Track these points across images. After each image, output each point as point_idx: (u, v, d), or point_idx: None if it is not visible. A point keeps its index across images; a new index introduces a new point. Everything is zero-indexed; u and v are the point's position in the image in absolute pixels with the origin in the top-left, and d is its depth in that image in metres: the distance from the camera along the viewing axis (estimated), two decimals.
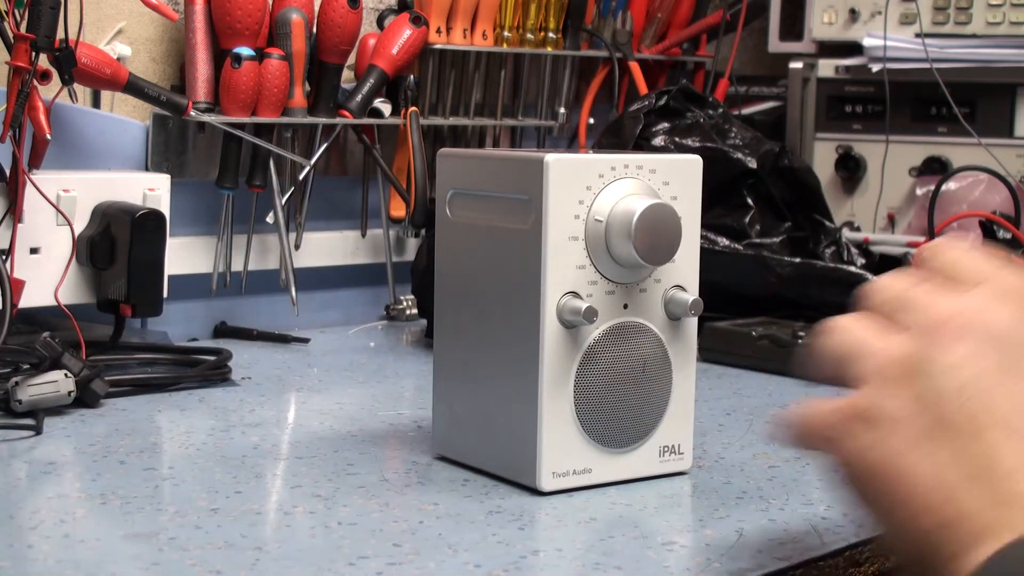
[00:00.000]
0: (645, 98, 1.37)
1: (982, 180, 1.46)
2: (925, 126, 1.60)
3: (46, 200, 1.08)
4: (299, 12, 1.24)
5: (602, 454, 0.80)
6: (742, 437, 0.95)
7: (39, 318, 1.14)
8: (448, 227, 0.84)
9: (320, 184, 1.35)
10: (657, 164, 0.80)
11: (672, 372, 0.82)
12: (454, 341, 0.84)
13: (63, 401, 0.93)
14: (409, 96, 1.35)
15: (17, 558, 0.65)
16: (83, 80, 1.12)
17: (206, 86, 1.22)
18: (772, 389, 1.12)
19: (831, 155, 1.65)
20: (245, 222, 1.29)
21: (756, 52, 1.86)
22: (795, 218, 1.37)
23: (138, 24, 1.25)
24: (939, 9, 1.58)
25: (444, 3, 1.36)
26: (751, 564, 0.68)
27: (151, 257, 1.12)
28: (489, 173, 0.82)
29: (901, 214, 1.61)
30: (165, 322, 1.23)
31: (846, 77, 1.64)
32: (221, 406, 1.00)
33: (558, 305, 0.77)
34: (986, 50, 1.55)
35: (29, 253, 1.10)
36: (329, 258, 1.37)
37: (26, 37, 1.03)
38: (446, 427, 0.85)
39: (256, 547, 0.67)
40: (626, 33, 1.54)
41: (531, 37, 1.45)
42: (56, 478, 0.81)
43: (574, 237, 0.77)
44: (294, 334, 1.28)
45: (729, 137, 1.37)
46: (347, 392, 1.08)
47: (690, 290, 0.82)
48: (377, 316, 1.41)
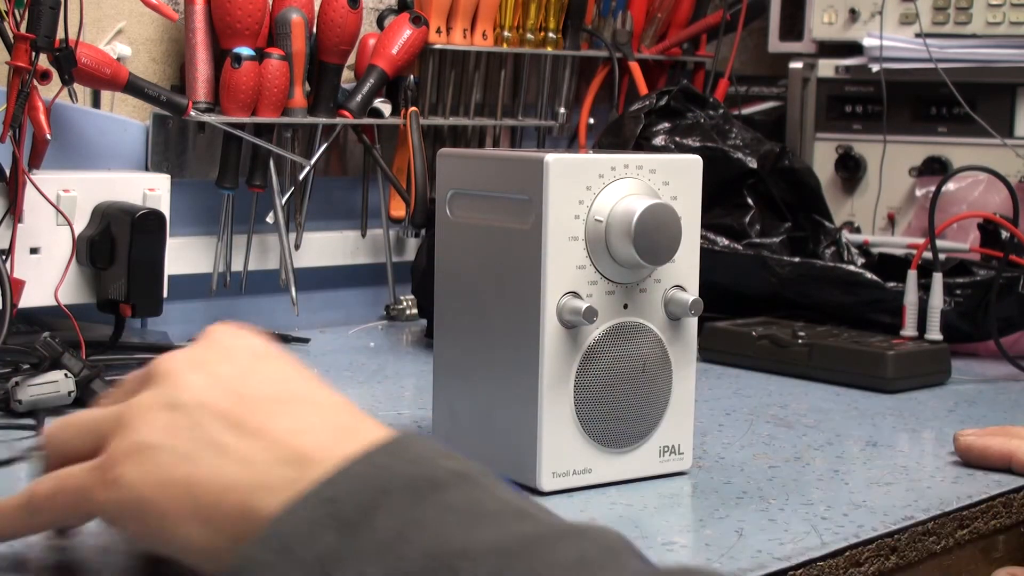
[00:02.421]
0: (645, 98, 1.37)
1: (982, 180, 1.46)
2: (925, 126, 1.60)
3: (46, 200, 1.08)
4: (299, 12, 1.24)
5: (602, 454, 0.80)
6: (742, 437, 0.95)
7: (39, 318, 1.14)
8: (448, 227, 0.84)
9: (320, 184, 1.35)
10: (657, 164, 0.80)
11: (672, 372, 0.82)
12: (454, 341, 0.84)
13: (63, 401, 0.93)
14: (409, 96, 1.35)
15: (17, 558, 0.65)
16: (83, 80, 1.12)
17: (206, 86, 1.22)
18: (772, 389, 1.12)
19: (831, 155, 1.65)
20: (245, 222, 1.29)
21: (756, 52, 1.86)
22: (795, 218, 1.37)
23: (138, 24, 1.25)
24: (939, 9, 1.58)
25: (444, 3, 1.36)
26: (751, 564, 0.68)
27: (151, 257, 1.12)
28: (489, 173, 0.82)
29: (901, 214, 1.61)
30: (165, 322, 1.23)
31: (846, 77, 1.64)
32: None
33: (558, 305, 0.77)
34: (986, 50, 1.55)
35: (29, 253, 1.10)
36: (329, 258, 1.37)
37: (26, 37, 1.02)
38: (446, 427, 0.85)
39: None
40: (626, 33, 1.54)
41: (531, 37, 1.45)
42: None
43: (574, 237, 0.77)
44: (294, 334, 1.28)
45: (729, 137, 1.37)
46: (347, 392, 1.07)
47: (690, 290, 0.82)
48: (377, 316, 1.41)
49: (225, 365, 0.58)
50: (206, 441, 0.54)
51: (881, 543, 0.75)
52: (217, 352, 0.59)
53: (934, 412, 1.06)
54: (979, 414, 1.05)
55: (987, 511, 0.83)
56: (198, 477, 0.53)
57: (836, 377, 1.14)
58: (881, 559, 0.75)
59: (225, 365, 0.58)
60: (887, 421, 1.02)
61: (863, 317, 1.27)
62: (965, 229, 1.41)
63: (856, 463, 0.89)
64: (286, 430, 0.53)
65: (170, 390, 0.57)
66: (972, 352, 1.28)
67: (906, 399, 1.10)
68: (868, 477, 0.86)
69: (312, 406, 0.56)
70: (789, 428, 0.98)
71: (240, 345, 0.60)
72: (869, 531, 0.74)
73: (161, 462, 0.54)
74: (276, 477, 0.51)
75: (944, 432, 0.98)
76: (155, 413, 0.56)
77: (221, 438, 0.54)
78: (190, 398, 0.56)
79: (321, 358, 1.21)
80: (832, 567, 0.72)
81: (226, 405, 0.55)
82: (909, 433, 0.99)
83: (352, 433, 0.53)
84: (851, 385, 1.13)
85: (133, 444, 0.55)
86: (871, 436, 0.97)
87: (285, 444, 0.53)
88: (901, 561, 0.76)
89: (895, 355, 1.12)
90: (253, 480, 0.52)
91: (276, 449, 0.53)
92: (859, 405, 1.07)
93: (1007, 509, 0.85)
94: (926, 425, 1.02)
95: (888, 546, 0.75)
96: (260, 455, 0.53)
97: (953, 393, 1.13)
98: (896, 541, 0.76)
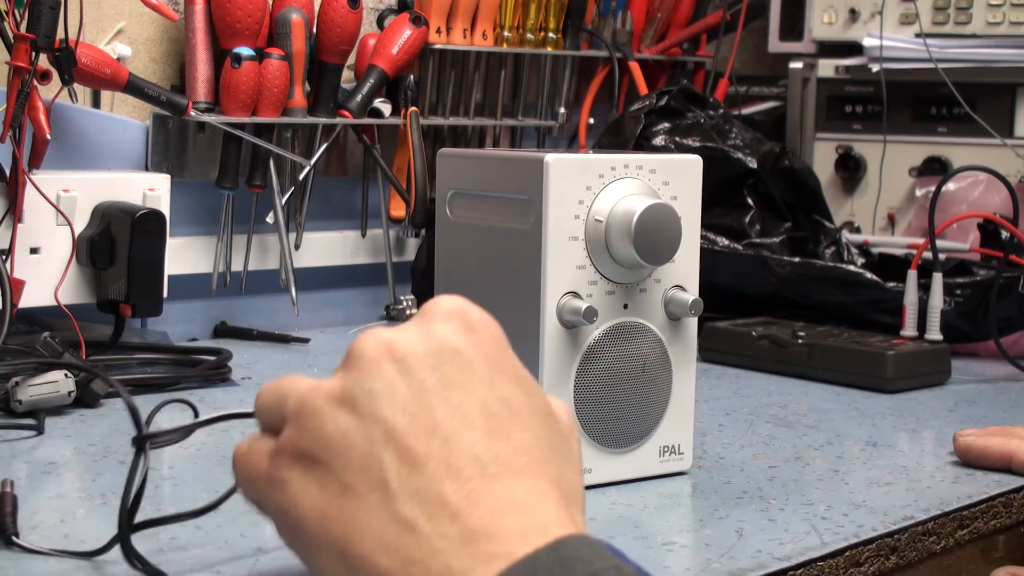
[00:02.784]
0: (645, 98, 1.37)
1: (982, 180, 1.46)
2: (925, 126, 1.60)
3: (46, 200, 1.08)
4: (299, 12, 1.24)
5: (602, 454, 0.80)
6: (742, 437, 0.95)
7: (39, 318, 1.14)
8: (448, 227, 0.84)
9: (320, 184, 1.35)
10: (657, 164, 0.80)
11: (672, 372, 0.82)
12: None
13: (63, 401, 0.93)
14: (409, 96, 1.35)
15: (17, 558, 0.65)
16: (83, 80, 1.12)
17: (206, 86, 1.22)
18: (772, 389, 1.12)
19: (831, 155, 1.65)
20: (245, 222, 1.29)
21: (756, 52, 1.86)
22: (795, 218, 1.37)
23: (138, 24, 1.25)
24: (939, 9, 1.58)
25: (444, 3, 1.36)
26: (751, 564, 0.68)
27: (151, 257, 1.12)
28: (489, 173, 0.82)
29: (901, 214, 1.61)
30: (165, 322, 1.23)
31: (846, 77, 1.64)
32: (221, 406, 1.00)
33: (558, 305, 0.77)
34: (986, 50, 1.55)
35: (29, 253, 1.10)
36: (329, 258, 1.37)
37: (26, 37, 1.02)
38: None
39: (256, 547, 0.67)
40: (626, 33, 1.54)
41: (531, 37, 1.45)
42: (56, 478, 0.81)
43: (574, 237, 0.77)
44: (294, 334, 1.28)
45: (729, 137, 1.37)
46: None
47: (690, 290, 0.82)
48: (377, 316, 1.41)
49: (430, 375, 0.51)
50: (377, 483, 0.49)
51: (881, 543, 0.75)
52: (431, 349, 0.52)
53: (934, 412, 1.06)
54: (979, 414, 1.05)
55: (987, 511, 0.83)
56: (357, 537, 0.49)
57: (836, 377, 1.14)
58: (881, 559, 0.75)
59: (430, 375, 0.51)
60: (887, 421, 1.02)
61: (863, 317, 1.27)
62: (965, 229, 1.41)
63: (856, 463, 0.89)
64: (462, 503, 0.48)
65: (354, 386, 0.51)
66: (972, 352, 1.28)
67: (906, 399, 1.10)
68: (868, 477, 0.86)
69: (506, 471, 0.49)
70: (789, 428, 0.98)
71: (462, 347, 0.53)
72: (869, 531, 0.74)
73: (326, 486, 0.50)
74: (443, 564, 0.47)
75: (944, 432, 0.98)
76: (332, 412, 0.51)
77: (393, 494, 0.48)
78: (371, 409, 0.51)
79: (321, 358, 1.21)
80: (832, 567, 0.72)
81: (409, 442, 0.50)
82: (909, 433, 0.99)
83: (533, 518, 0.48)
84: (851, 385, 1.13)
85: (302, 449, 0.51)
86: (871, 436, 0.97)
87: (462, 524, 0.48)
88: (901, 561, 0.76)
89: (895, 355, 1.12)
90: (417, 555, 0.48)
91: (449, 526, 0.48)
92: (859, 405, 1.07)
93: (1007, 509, 0.85)
94: (926, 425, 1.02)
95: (888, 546, 0.75)
96: (430, 528, 0.48)
97: (953, 393, 1.13)
98: (896, 541, 0.76)
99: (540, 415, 0.53)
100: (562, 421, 0.55)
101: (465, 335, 0.53)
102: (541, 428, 0.52)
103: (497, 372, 0.53)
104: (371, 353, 0.53)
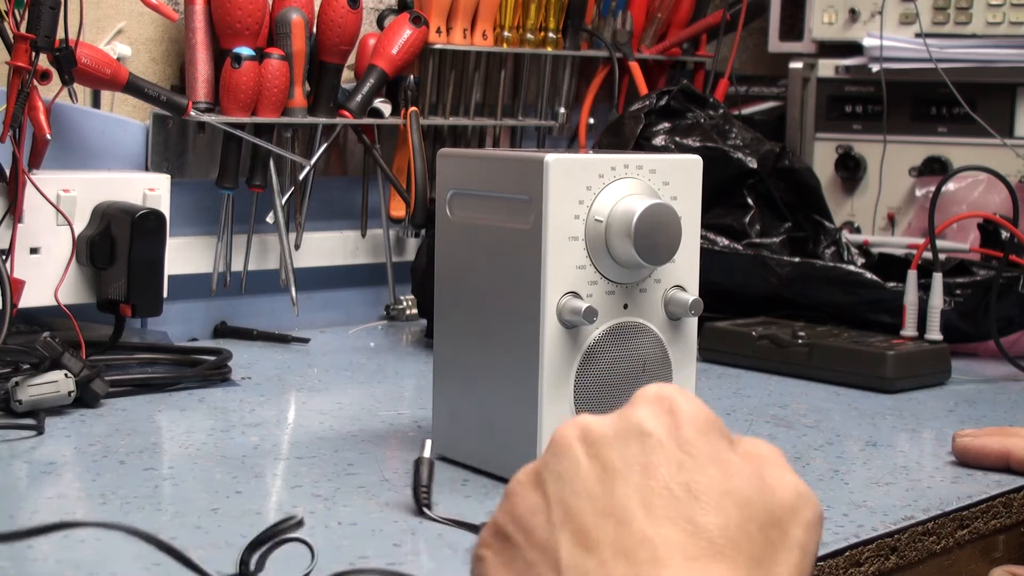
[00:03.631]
0: (645, 98, 1.37)
1: (982, 180, 1.46)
2: (925, 126, 1.60)
3: (46, 200, 1.08)
4: (299, 12, 1.24)
5: None
6: None
7: (39, 318, 1.14)
8: (448, 227, 0.84)
9: (320, 184, 1.35)
10: (657, 164, 0.80)
11: (672, 372, 0.82)
12: (454, 341, 0.84)
13: (63, 401, 0.93)
14: (409, 96, 1.35)
15: (17, 558, 0.65)
16: (83, 80, 1.12)
17: (206, 86, 1.22)
18: (772, 389, 1.12)
19: (831, 155, 1.65)
20: (245, 222, 1.29)
21: (756, 52, 1.86)
22: (795, 218, 1.37)
23: (138, 24, 1.25)
24: (939, 9, 1.58)
25: (444, 3, 1.36)
26: None
27: (151, 257, 1.12)
28: (489, 173, 0.82)
29: (901, 214, 1.61)
30: (165, 322, 1.23)
31: (846, 77, 1.64)
32: (221, 406, 1.00)
33: (558, 305, 0.77)
34: (986, 50, 1.55)
35: (29, 253, 1.10)
36: (329, 258, 1.37)
37: (26, 37, 1.03)
38: (446, 427, 0.85)
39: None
40: (626, 33, 1.54)
41: (531, 37, 1.45)
42: (56, 478, 0.81)
43: (574, 237, 0.77)
44: (294, 334, 1.28)
45: (729, 137, 1.37)
46: (347, 392, 1.08)
47: (690, 290, 0.82)
48: (377, 316, 1.41)
49: (616, 458, 0.52)
50: (553, 564, 0.50)
51: (881, 543, 0.75)
52: (622, 431, 0.53)
53: (934, 412, 1.06)
54: (979, 414, 1.05)
55: (987, 511, 0.83)
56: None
57: (836, 377, 1.14)
58: (881, 559, 0.75)
59: (616, 458, 0.52)
60: (887, 421, 1.02)
61: (863, 317, 1.27)
62: (965, 229, 1.41)
63: (856, 463, 0.89)
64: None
65: (544, 468, 0.52)
66: (972, 352, 1.28)
67: (906, 399, 1.10)
68: (868, 477, 0.86)
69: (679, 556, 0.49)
70: (789, 428, 0.98)
71: (653, 429, 0.53)
72: (869, 531, 0.74)
73: (511, 563, 0.51)
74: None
75: (944, 432, 0.98)
76: (524, 492, 0.52)
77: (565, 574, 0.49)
78: (556, 490, 0.51)
79: (321, 358, 1.21)
80: (832, 567, 0.72)
81: (585, 524, 0.50)
82: (909, 433, 0.99)
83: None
84: (851, 385, 1.13)
85: (500, 526, 0.53)
86: (871, 436, 0.97)
87: None
88: (901, 561, 0.76)
89: (895, 355, 1.12)
90: None
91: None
92: (859, 405, 1.07)
93: (1007, 509, 0.85)
94: (926, 425, 1.02)
95: (888, 546, 0.75)
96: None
97: (953, 393, 1.13)
98: (896, 541, 0.76)
99: (739, 499, 0.51)
100: (784, 507, 0.52)
101: (661, 418, 0.54)
102: (736, 513, 0.51)
103: (689, 455, 0.52)
104: (566, 436, 0.54)
